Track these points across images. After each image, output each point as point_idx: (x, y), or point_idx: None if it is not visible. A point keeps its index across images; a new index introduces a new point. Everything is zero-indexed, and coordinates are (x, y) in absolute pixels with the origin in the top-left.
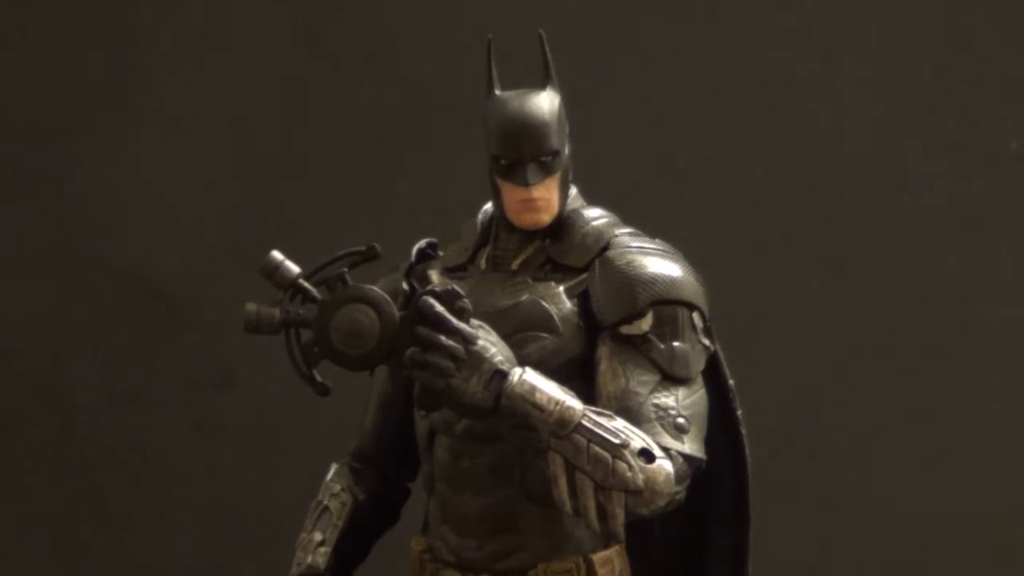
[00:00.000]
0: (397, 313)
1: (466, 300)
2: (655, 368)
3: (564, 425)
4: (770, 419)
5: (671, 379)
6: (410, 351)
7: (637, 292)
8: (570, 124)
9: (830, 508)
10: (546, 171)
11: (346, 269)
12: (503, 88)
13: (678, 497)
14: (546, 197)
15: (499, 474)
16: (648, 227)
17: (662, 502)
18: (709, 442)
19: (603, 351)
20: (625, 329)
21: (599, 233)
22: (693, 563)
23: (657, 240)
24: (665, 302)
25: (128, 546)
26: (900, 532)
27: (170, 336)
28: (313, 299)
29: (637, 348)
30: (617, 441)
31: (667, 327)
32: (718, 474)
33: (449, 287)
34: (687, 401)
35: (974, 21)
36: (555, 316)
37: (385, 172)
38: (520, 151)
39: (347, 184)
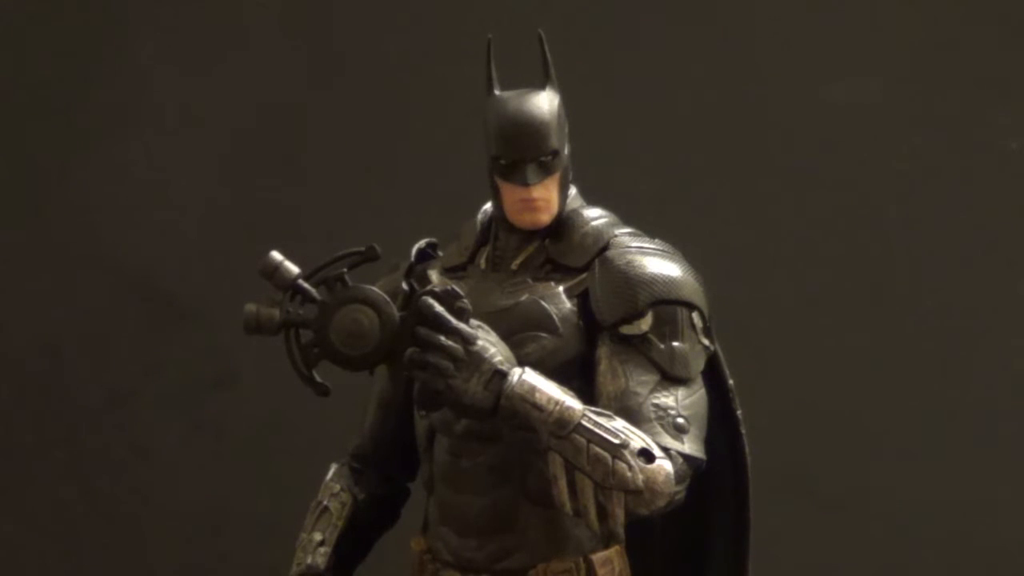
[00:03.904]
0: (397, 313)
1: (466, 300)
2: (655, 368)
3: (564, 425)
4: (770, 419)
5: (671, 379)
6: (410, 351)
7: (637, 292)
8: (570, 124)
9: (830, 508)
10: (546, 171)
11: (346, 269)
12: (503, 88)
13: (678, 497)
14: (546, 197)
15: (499, 474)
16: (648, 227)
17: (662, 502)
18: (709, 442)
19: (603, 351)
20: (625, 329)
21: (599, 233)
22: (693, 563)
23: (657, 240)
24: (665, 302)
25: (128, 546)
26: (900, 532)
27: (170, 336)
28: (313, 299)
29: (637, 348)
30: (617, 441)
31: (667, 327)
32: (718, 474)
33: (449, 287)
34: (687, 401)
35: (975, 21)
36: (555, 316)
37: (385, 172)
38: (520, 151)
39: (347, 184)
